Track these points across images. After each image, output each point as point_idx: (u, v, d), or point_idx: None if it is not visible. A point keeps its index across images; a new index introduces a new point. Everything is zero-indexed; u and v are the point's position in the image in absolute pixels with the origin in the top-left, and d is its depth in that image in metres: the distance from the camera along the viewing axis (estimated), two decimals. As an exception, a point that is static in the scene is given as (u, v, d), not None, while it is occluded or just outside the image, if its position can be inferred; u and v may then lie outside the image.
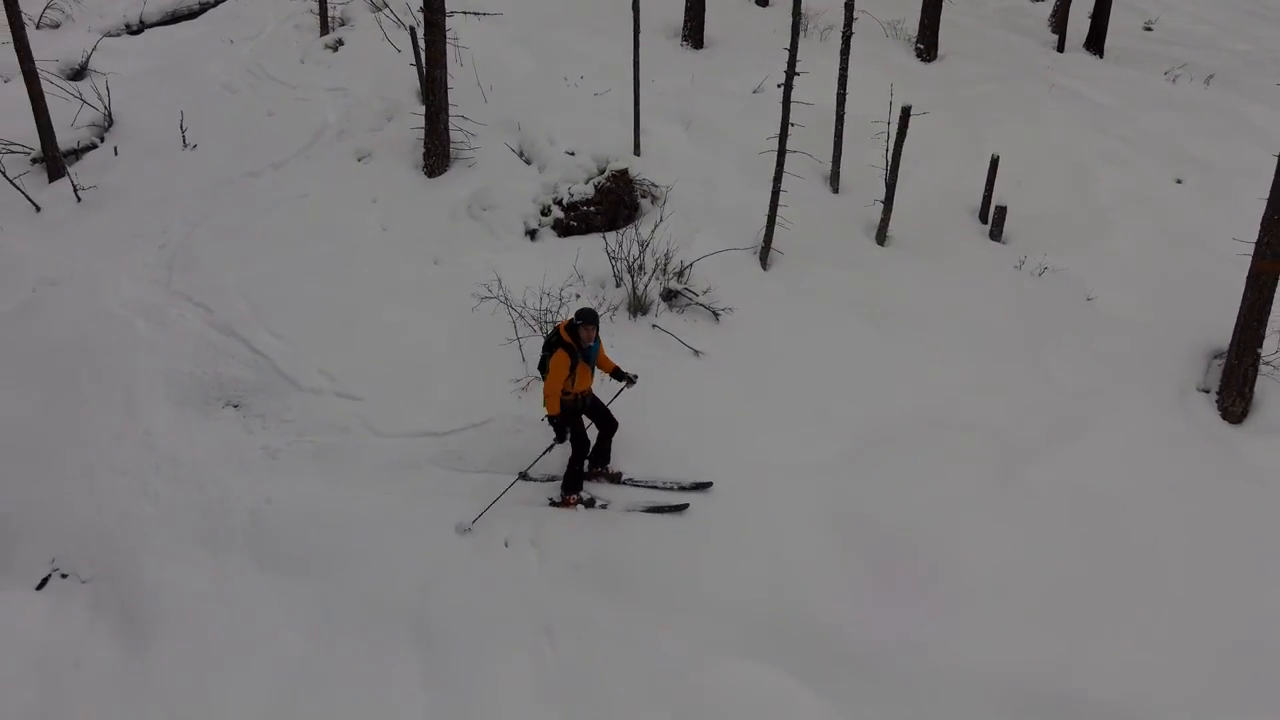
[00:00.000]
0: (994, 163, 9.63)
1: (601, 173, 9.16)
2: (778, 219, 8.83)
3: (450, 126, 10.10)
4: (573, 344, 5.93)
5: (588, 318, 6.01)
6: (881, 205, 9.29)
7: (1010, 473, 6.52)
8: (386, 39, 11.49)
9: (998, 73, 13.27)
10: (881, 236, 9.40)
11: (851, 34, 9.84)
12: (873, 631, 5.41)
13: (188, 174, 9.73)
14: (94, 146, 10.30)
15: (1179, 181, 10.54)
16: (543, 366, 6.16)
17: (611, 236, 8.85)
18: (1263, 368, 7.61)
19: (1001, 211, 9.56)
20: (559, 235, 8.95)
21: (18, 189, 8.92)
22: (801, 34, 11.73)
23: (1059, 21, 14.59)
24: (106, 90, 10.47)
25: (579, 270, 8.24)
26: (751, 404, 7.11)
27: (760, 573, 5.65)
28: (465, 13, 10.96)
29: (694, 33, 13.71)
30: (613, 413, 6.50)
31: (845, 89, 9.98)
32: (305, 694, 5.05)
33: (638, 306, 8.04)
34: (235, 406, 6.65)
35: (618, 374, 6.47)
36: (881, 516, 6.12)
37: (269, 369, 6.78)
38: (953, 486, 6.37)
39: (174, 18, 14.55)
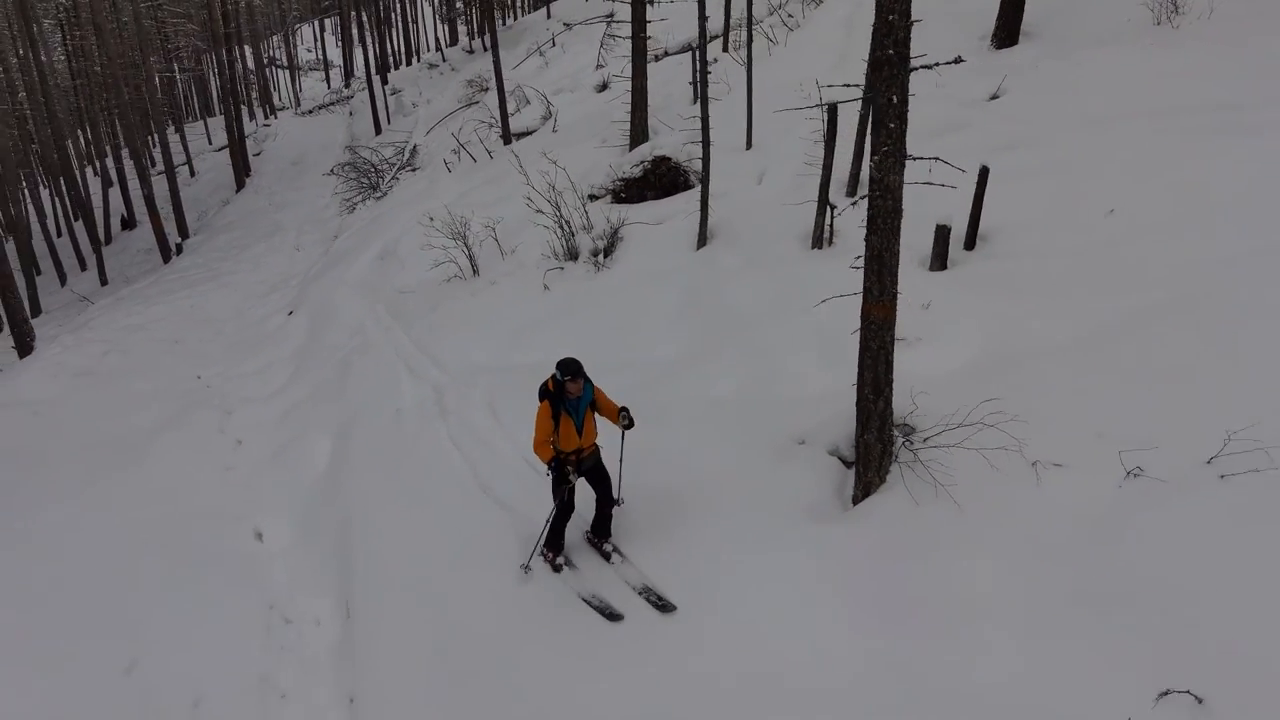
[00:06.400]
0: (982, 176, 7.86)
1: (648, 159, 11.34)
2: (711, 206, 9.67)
3: (650, 119, 13.40)
4: (555, 394, 5.27)
5: (566, 369, 5.17)
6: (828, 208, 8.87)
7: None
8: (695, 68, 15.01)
9: None
10: (817, 241, 8.95)
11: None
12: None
13: (538, 144, 15.69)
14: (533, 131, 17.19)
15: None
16: None
17: (638, 206, 11.21)
18: (914, 450, 5.65)
19: (944, 231, 7.83)
20: (611, 201, 11.67)
21: (463, 148, 16.43)
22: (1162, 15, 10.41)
23: None
24: (545, 97, 17.16)
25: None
26: (511, 319, 9.39)
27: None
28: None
29: (1003, 29, 12.64)
30: (612, 486, 5.78)
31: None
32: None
33: (569, 254, 10.54)
34: (382, 257, 12.54)
35: (624, 412, 5.55)
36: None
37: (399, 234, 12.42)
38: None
39: (688, 48, 20.38)
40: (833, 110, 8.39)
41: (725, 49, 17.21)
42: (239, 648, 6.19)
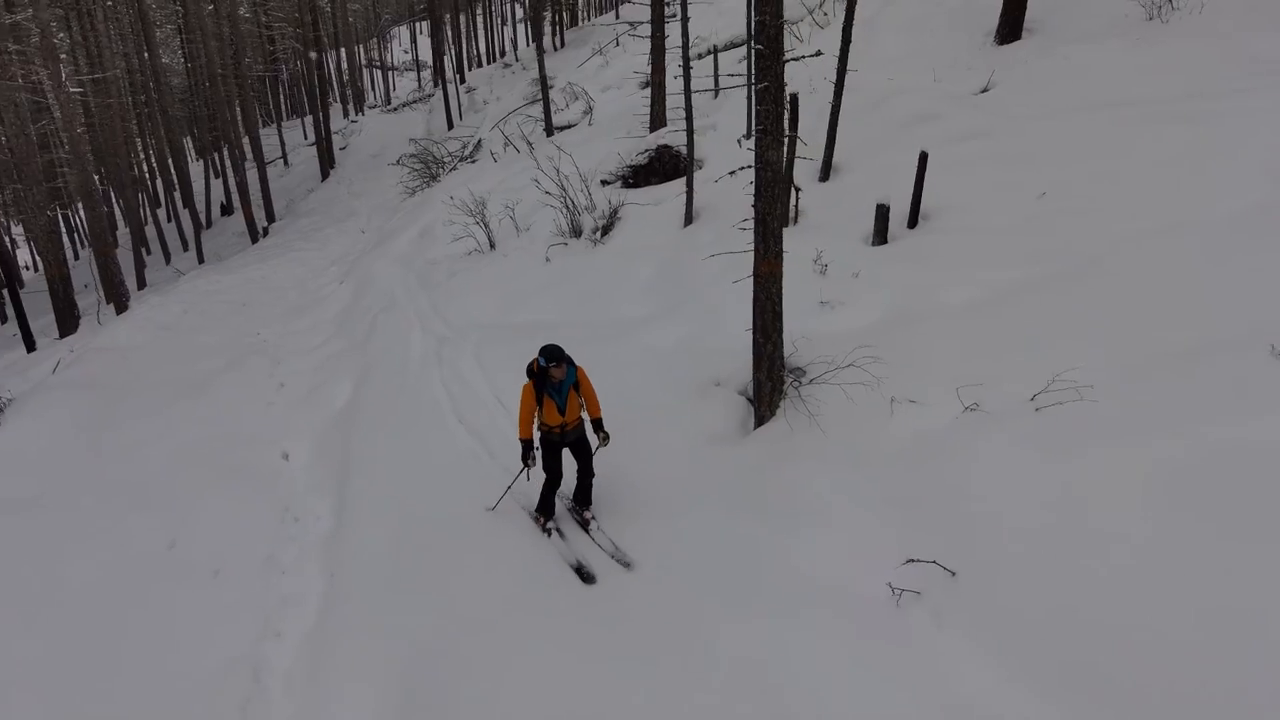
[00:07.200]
0: (922, 160, 8.66)
1: (652, 148, 12.43)
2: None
3: (669, 112, 14.49)
4: (539, 376, 5.86)
5: (549, 356, 5.73)
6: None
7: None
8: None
9: None
10: (785, 219, 9.82)
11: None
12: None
13: (576, 137, 16.98)
14: (575, 125, 18.47)
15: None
16: None
17: (642, 190, 12.32)
18: (799, 389, 6.61)
19: (883, 210, 8.65)
20: (621, 186, 12.81)
21: (508, 141, 17.83)
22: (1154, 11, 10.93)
23: None
24: (587, 94, 18.41)
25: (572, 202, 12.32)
26: (513, 286, 10.63)
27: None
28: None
29: (1006, 25, 13.21)
30: (593, 459, 6.31)
31: (843, 81, 10.10)
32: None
33: (574, 231, 11.74)
34: (421, 235, 14.04)
35: (597, 425, 6.15)
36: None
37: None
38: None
39: (732, 44, 21.30)
40: (794, 99, 9.27)
41: (757, 47, 18.08)
42: (255, 536, 7.62)
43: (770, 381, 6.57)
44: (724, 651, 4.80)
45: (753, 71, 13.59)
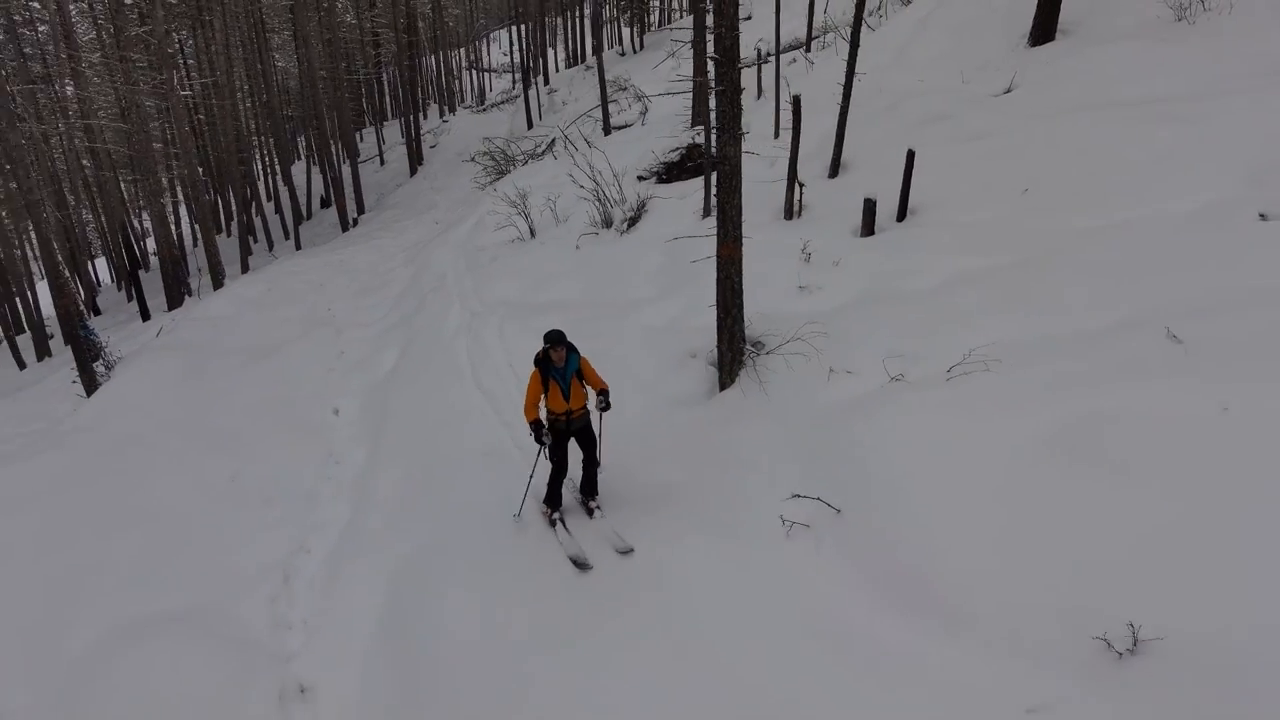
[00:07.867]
0: (910, 157, 9.25)
1: (683, 146, 13.31)
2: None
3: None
4: (545, 362, 6.18)
5: (549, 340, 6.05)
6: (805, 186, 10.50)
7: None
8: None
9: None
10: (788, 213, 10.55)
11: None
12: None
13: (630, 135, 17.98)
14: (630, 125, 19.49)
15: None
16: None
17: (676, 184, 13.23)
18: (755, 360, 7.41)
19: (870, 204, 9.28)
20: (655, 182, 13.74)
21: (566, 140, 19.02)
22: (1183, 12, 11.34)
23: None
24: (646, 96, 19.39)
25: (612, 197, 13.33)
26: (543, 270, 11.70)
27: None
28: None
29: (1039, 27, 13.44)
30: (597, 448, 6.53)
31: (851, 83, 10.70)
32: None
33: (605, 222, 12.75)
34: (477, 225, 15.34)
35: (603, 394, 6.35)
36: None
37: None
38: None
39: (792, 47, 21.86)
40: (796, 101, 9.99)
41: (808, 50, 18.66)
42: (302, 474, 8.96)
43: (731, 353, 7.38)
44: (629, 566, 5.72)
45: (714, 75, 14.37)
